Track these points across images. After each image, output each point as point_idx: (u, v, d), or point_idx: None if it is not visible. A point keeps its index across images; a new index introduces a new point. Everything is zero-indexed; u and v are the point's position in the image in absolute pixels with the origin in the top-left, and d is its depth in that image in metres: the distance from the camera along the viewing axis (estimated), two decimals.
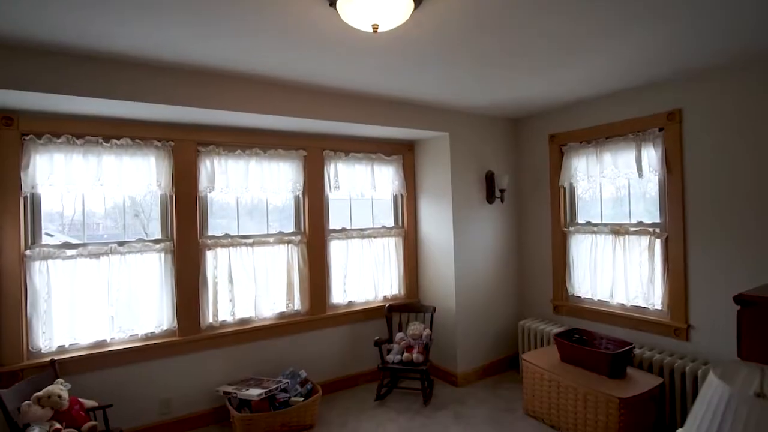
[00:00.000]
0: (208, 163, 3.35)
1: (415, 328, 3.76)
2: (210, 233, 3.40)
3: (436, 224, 4.11)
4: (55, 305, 2.86)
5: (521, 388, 3.65)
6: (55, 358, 2.78)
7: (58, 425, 2.47)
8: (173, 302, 3.21)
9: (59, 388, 2.55)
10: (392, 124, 3.61)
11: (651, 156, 3.25)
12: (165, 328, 3.19)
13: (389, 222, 4.34)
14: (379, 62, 2.67)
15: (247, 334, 3.46)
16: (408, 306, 4.04)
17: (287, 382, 3.26)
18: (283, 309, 3.68)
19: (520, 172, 4.41)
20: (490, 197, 4.16)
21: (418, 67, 2.78)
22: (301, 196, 3.80)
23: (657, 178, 3.28)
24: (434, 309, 3.89)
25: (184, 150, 3.26)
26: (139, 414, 3.07)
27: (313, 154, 3.81)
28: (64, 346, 2.89)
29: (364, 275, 4.09)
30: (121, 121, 3.02)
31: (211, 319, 3.35)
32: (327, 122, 3.37)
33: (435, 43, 2.40)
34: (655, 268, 3.26)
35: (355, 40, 2.32)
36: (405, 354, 3.63)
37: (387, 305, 3.98)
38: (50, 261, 2.84)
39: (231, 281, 3.42)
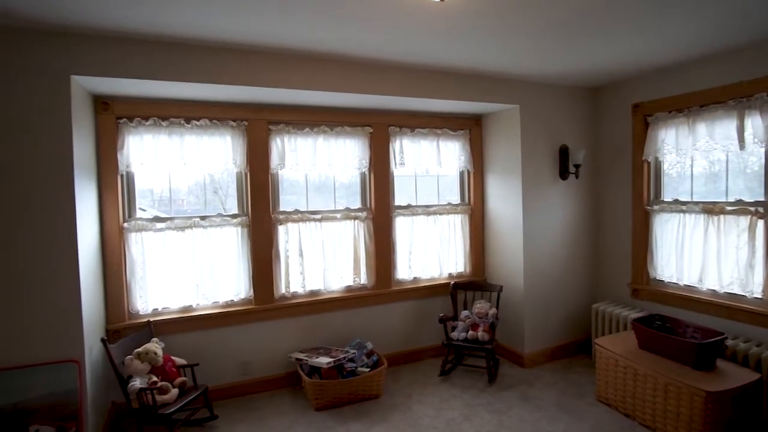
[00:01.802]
0: (278, 141, 3.48)
1: (481, 306, 3.71)
2: (281, 209, 3.56)
3: (505, 201, 3.98)
4: (149, 273, 3.17)
5: (593, 373, 3.49)
6: (151, 319, 3.11)
7: (154, 378, 2.78)
8: (249, 273, 3.43)
9: (155, 346, 2.86)
10: (459, 98, 3.51)
11: (756, 125, 2.87)
12: (243, 297, 3.43)
13: (455, 199, 4.26)
14: (447, 34, 2.58)
15: (316, 305, 3.62)
16: (473, 284, 3.99)
17: (354, 353, 3.38)
18: (350, 283, 3.79)
19: (597, 145, 4.11)
20: (563, 173, 3.93)
21: (488, 37, 2.65)
22: (367, 172, 3.84)
23: (763, 150, 2.90)
24: (501, 288, 3.80)
25: (257, 129, 3.40)
26: (222, 373, 3.36)
27: (379, 131, 3.81)
28: (157, 309, 3.21)
29: (429, 252, 4.08)
30: (201, 103, 3.21)
31: (283, 290, 3.54)
32: (393, 98, 3.35)
33: (505, 10, 2.26)
34: (756, 252, 2.92)
35: (422, 11, 2.25)
36: (470, 332, 3.61)
37: (452, 282, 3.96)
38: (144, 233, 3.14)
39: (301, 255, 3.58)
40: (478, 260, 4.26)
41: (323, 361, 3.21)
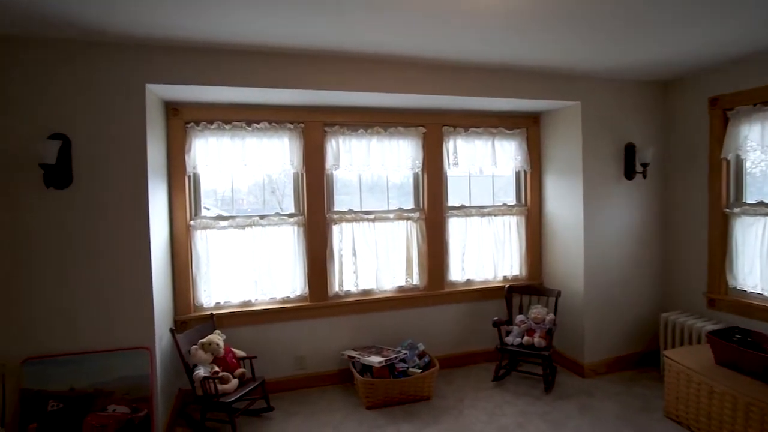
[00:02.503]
0: (333, 142, 3.55)
1: (538, 311, 3.58)
2: (336, 209, 3.63)
3: (564, 202, 3.81)
4: (212, 268, 3.35)
5: (661, 387, 3.26)
6: (213, 312, 3.29)
7: (216, 368, 2.94)
8: (305, 271, 3.52)
9: (217, 338, 3.02)
10: (517, 96, 3.40)
11: None
12: (298, 294, 3.53)
13: (510, 200, 4.14)
14: (503, 29, 2.50)
15: (368, 304, 3.66)
16: (530, 288, 3.86)
17: (406, 353, 3.38)
18: (403, 283, 3.79)
19: (667, 143, 3.83)
20: (629, 173, 3.69)
21: (547, 32, 2.54)
22: (420, 173, 3.83)
23: None
24: (559, 293, 3.64)
25: (313, 131, 3.49)
26: (279, 367, 3.48)
27: (432, 131, 3.79)
28: (219, 302, 3.38)
29: (483, 254, 3.99)
30: (261, 106, 3.34)
31: (337, 288, 3.61)
32: (447, 98, 3.32)
33: (567, 1, 2.16)
34: None
35: (479, 7, 2.20)
36: (525, 337, 3.49)
37: (507, 286, 3.85)
38: (208, 231, 3.33)
39: (354, 254, 3.63)
40: (534, 263, 4.11)
41: (375, 360, 3.23)
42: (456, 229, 3.93)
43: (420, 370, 3.33)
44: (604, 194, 3.66)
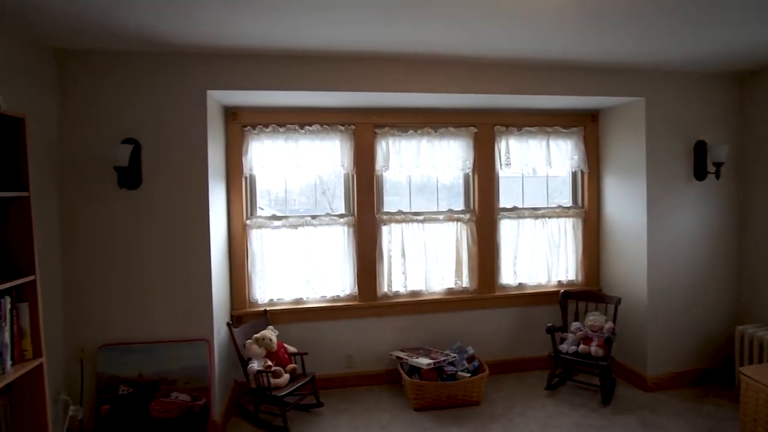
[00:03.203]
0: (383, 143, 3.57)
1: (595, 319, 3.40)
2: (385, 209, 3.65)
3: (626, 204, 3.60)
4: (267, 266, 3.48)
5: (735, 407, 2.99)
6: (267, 308, 3.41)
7: (270, 362, 3.04)
8: (354, 270, 3.57)
9: (270, 333, 3.13)
10: (573, 93, 3.26)
11: None
12: (348, 293, 3.59)
13: (566, 201, 3.97)
14: (559, 24, 2.41)
15: (417, 305, 3.65)
16: (586, 294, 3.68)
17: (455, 357, 3.33)
18: (452, 285, 3.75)
19: (744, 141, 3.51)
20: (700, 173, 3.43)
21: (607, 24, 2.41)
22: (470, 173, 3.76)
23: None
24: (619, 300, 3.44)
25: (364, 132, 3.53)
26: (329, 364, 3.55)
27: (484, 131, 3.71)
28: (273, 299, 3.50)
29: (537, 257, 3.85)
30: (313, 109, 3.43)
31: (386, 289, 3.63)
32: (499, 96, 3.24)
33: None
34: None
35: (533, 1, 2.13)
36: (581, 345, 3.33)
37: (562, 291, 3.69)
38: (263, 230, 3.46)
39: (403, 255, 3.63)
40: (591, 268, 3.92)
41: (423, 362, 3.22)
42: (508, 231, 3.83)
43: (469, 375, 3.27)
44: (671, 196, 3.42)
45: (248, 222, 3.44)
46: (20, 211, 1.95)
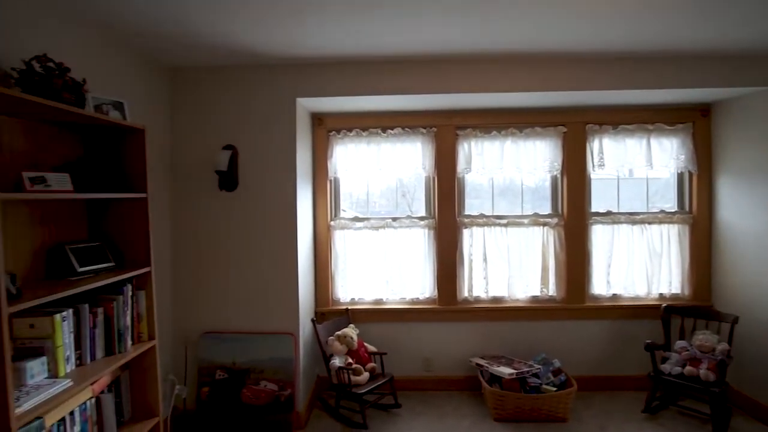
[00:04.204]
0: (465, 145, 3.51)
1: (705, 338, 3.02)
2: (466, 212, 3.58)
3: (746, 209, 3.16)
4: (349, 266, 3.58)
5: None
6: (349, 307, 3.51)
7: (350, 360, 3.13)
8: (434, 273, 3.55)
9: (352, 331, 3.21)
10: (679, 86, 2.95)
11: None
12: (427, 296, 3.57)
13: (669, 205, 3.59)
14: (660, 8, 2.18)
15: (499, 312, 3.52)
16: (695, 310, 3.28)
17: (539, 368, 3.16)
18: (537, 293, 3.56)
19: None
20: None
21: (723, 2, 2.14)
22: (558, 175, 3.56)
23: None
24: (736, 319, 3.02)
25: (445, 134, 3.50)
26: (407, 366, 3.56)
27: (574, 130, 3.49)
28: (354, 298, 3.60)
29: (634, 267, 3.53)
30: (395, 113, 3.48)
31: (466, 293, 3.55)
32: (590, 93, 3.03)
33: None
34: None
35: None
36: (688, 367, 2.98)
37: (664, 305, 3.33)
38: (345, 231, 3.57)
39: (485, 260, 3.53)
40: (700, 281, 3.49)
41: (505, 371, 3.09)
42: (600, 237, 3.55)
43: (555, 389, 3.08)
44: None
45: (332, 223, 3.57)
46: (140, 210, 2.22)
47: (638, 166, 3.51)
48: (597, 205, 3.57)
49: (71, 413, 1.82)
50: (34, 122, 1.90)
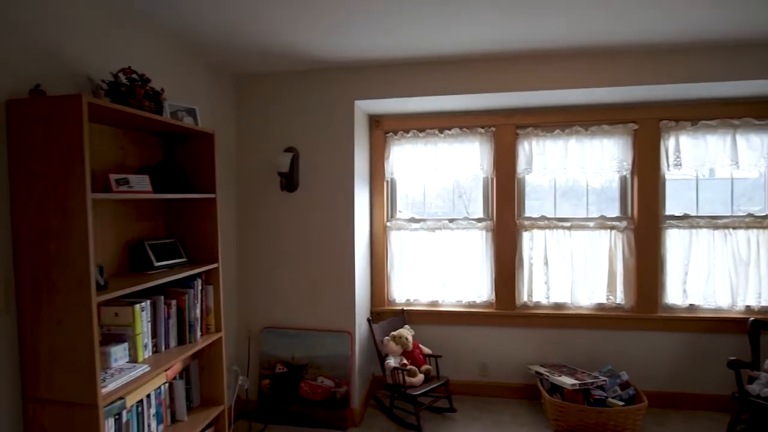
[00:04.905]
0: (526, 145, 3.39)
1: None
2: (526, 214, 3.46)
3: None
4: (404, 267, 3.59)
5: None
6: (404, 308, 3.51)
7: (405, 361, 3.13)
8: (492, 277, 3.46)
9: (407, 332, 3.21)
10: None
11: None
12: (484, 299, 3.49)
13: (759, 209, 3.24)
14: None
15: (560, 319, 3.36)
16: None
17: (605, 381, 2.98)
18: (603, 300, 3.36)
19: None
20: None
21: None
22: (628, 175, 3.34)
23: None
24: None
25: (504, 134, 3.40)
26: (462, 370, 3.50)
27: (646, 127, 3.25)
28: (410, 299, 3.60)
29: (716, 276, 3.22)
30: (452, 113, 3.44)
31: (525, 298, 3.43)
32: (665, 87, 2.81)
33: None
34: None
35: None
36: None
37: (752, 319, 3.01)
38: (402, 232, 3.58)
39: (546, 264, 3.39)
40: None
41: (567, 381, 2.95)
42: (676, 242, 3.28)
43: (622, 403, 2.89)
44: None
45: (388, 224, 3.60)
46: (209, 210, 2.36)
47: (721, 166, 3.21)
48: (672, 207, 3.31)
49: (148, 396, 1.97)
50: (120, 129, 2.08)
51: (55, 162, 1.53)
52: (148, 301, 1.98)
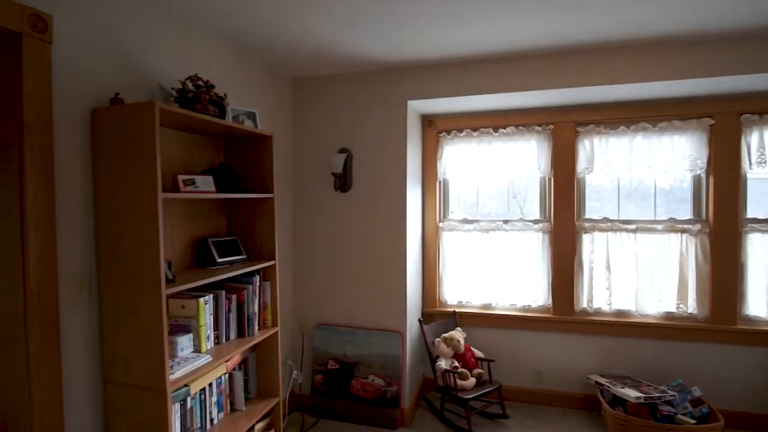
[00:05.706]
0: (587, 143, 3.23)
1: None
2: (586, 216, 3.29)
3: None
4: (457, 268, 3.54)
5: None
6: (456, 310, 3.46)
7: (457, 363, 3.08)
8: (548, 281, 3.33)
9: (458, 334, 3.17)
10: None
11: None
12: (540, 304, 3.36)
13: None
14: None
15: (623, 327, 3.17)
16: None
17: (674, 396, 2.77)
18: (672, 309, 3.13)
19: None
20: None
21: None
22: (702, 175, 3.08)
23: None
24: None
25: (563, 132, 3.26)
26: (515, 376, 3.40)
27: (724, 121, 2.99)
28: (461, 301, 3.54)
29: None
30: (507, 111, 3.34)
31: (585, 304, 3.27)
32: (745, 77, 2.56)
33: None
34: None
35: None
36: None
37: None
38: (454, 233, 3.53)
39: (608, 268, 3.21)
40: None
41: (631, 393, 2.77)
42: (759, 248, 2.98)
43: (693, 421, 2.67)
44: None
45: (441, 224, 3.56)
46: (267, 209, 2.45)
47: None
48: (755, 210, 3.01)
49: (210, 385, 2.09)
50: (186, 132, 2.22)
51: (130, 164, 1.66)
52: (211, 295, 2.10)
